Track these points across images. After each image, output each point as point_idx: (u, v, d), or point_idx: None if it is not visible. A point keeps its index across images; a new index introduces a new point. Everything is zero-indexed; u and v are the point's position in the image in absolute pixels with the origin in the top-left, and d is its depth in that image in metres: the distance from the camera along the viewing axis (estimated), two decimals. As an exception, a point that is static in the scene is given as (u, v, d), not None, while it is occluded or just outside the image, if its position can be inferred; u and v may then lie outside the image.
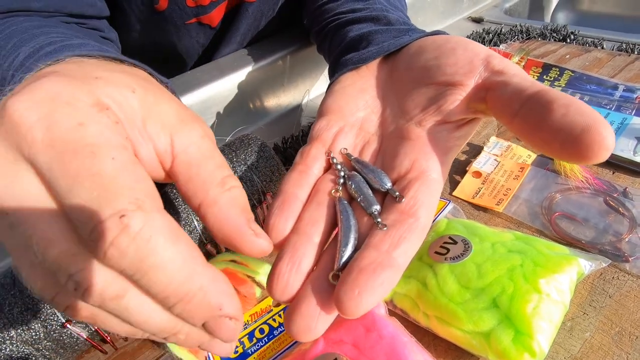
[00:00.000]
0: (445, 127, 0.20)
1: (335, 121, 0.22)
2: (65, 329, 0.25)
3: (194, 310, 0.13)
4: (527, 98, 0.16)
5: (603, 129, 0.14)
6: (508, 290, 0.24)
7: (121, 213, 0.12)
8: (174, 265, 0.12)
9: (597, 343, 0.24)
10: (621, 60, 0.52)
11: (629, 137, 0.38)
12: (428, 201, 0.18)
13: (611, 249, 0.29)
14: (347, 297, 0.14)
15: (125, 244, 0.12)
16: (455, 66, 0.19)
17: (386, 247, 0.16)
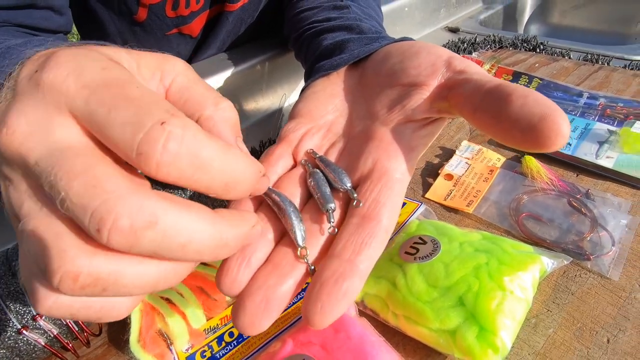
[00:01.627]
0: (409, 125, 0.20)
1: (304, 124, 0.22)
2: (21, 336, 0.24)
3: (248, 184, 0.14)
4: (486, 91, 0.17)
5: (559, 117, 0.14)
6: (474, 288, 0.24)
7: (161, 121, 0.12)
8: (223, 154, 0.13)
9: (559, 339, 0.25)
10: (586, 69, 0.54)
11: (592, 142, 0.39)
12: (390, 202, 0.18)
13: (574, 248, 0.30)
14: (311, 312, 0.15)
15: (177, 146, 0.12)
16: (419, 68, 0.20)
17: (348, 255, 0.16)
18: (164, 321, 0.27)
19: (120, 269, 0.13)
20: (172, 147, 0.12)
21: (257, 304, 0.15)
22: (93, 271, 0.12)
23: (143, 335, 0.26)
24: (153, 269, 0.13)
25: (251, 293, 0.16)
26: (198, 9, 0.47)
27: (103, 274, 0.12)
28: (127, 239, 0.12)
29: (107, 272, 0.12)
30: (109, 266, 0.12)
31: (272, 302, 0.15)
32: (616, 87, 0.49)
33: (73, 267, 0.12)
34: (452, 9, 0.85)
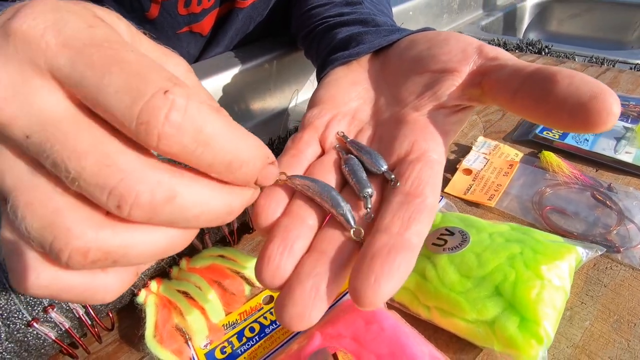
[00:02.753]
0: (441, 112, 0.19)
1: (328, 110, 0.22)
2: (31, 329, 0.22)
3: (252, 168, 0.13)
4: (527, 75, 0.16)
5: (610, 95, 0.14)
6: (510, 277, 0.23)
7: (164, 89, 0.11)
8: (229, 131, 0.12)
9: (597, 331, 0.24)
10: (594, 70, 0.55)
11: (609, 138, 0.39)
12: (432, 181, 0.17)
13: (602, 241, 0.29)
14: (364, 286, 0.13)
15: (180, 118, 0.11)
16: (449, 54, 0.20)
17: (397, 229, 0.15)
18: (181, 316, 0.26)
19: (129, 241, 0.12)
20: (176, 118, 0.11)
21: (308, 293, 0.14)
22: (102, 245, 0.12)
23: (159, 330, 0.25)
24: (162, 237, 0.13)
25: (300, 281, 0.14)
26: (210, 6, 0.46)
27: (113, 247, 0.12)
28: (148, 213, 0.12)
29: (116, 245, 0.12)
30: (118, 239, 0.12)
31: (323, 291, 0.14)
32: (626, 87, 0.50)
33: (82, 243, 0.11)
34: (454, 15, 0.86)
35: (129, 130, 0.11)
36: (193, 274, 0.28)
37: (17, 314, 0.22)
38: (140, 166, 0.11)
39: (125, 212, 0.11)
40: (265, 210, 0.16)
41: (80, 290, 0.13)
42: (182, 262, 0.28)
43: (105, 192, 0.11)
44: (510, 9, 0.96)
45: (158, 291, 0.27)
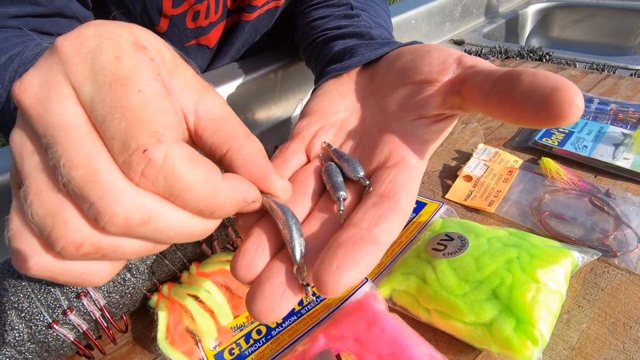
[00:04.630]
0: (422, 121, 0.20)
1: (316, 121, 0.23)
2: (51, 330, 0.23)
3: (226, 212, 0.15)
4: (497, 78, 0.17)
5: (570, 87, 0.14)
6: (507, 281, 0.24)
7: (143, 148, 0.13)
8: (201, 185, 0.13)
9: (593, 334, 0.25)
10: (594, 77, 0.55)
11: (608, 144, 0.40)
12: (408, 184, 0.18)
13: (599, 245, 0.30)
14: (325, 272, 0.14)
15: (154, 174, 0.13)
16: (431, 66, 0.20)
17: (366, 225, 0.15)
18: (191, 318, 0.27)
19: (119, 242, 0.14)
20: (150, 174, 0.13)
21: (277, 288, 0.14)
22: (95, 242, 0.13)
23: (171, 332, 0.26)
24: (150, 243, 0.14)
25: (270, 276, 0.15)
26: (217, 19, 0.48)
27: (104, 245, 0.13)
28: (122, 231, 0.13)
29: (108, 244, 0.13)
30: (110, 239, 0.13)
31: (291, 287, 0.15)
32: (625, 94, 0.50)
33: (76, 237, 0.13)
34: (457, 23, 0.87)
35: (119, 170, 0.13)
36: (202, 278, 0.29)
37: (38, 316, 0.23)
38: (122, 188, 0.13)
39: (101, 225, 0.13)
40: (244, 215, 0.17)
41: (78, 274, 0.14)
42: (192, 267, 0.30)
43: (86, 204, 0.12)
44: (512, 16, 0.97)
45: (169, 295, 0.28)
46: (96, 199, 0.12)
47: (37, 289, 0.23)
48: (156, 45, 0.15)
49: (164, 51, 0.16)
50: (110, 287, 0.26)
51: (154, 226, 0.13)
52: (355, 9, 0.40)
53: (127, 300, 0.27)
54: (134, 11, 0.43)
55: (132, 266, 0.27)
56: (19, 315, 0.23)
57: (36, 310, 0.23)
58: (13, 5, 0.32)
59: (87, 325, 0.25)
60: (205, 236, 0.15)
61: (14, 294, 0.23)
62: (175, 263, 0.29)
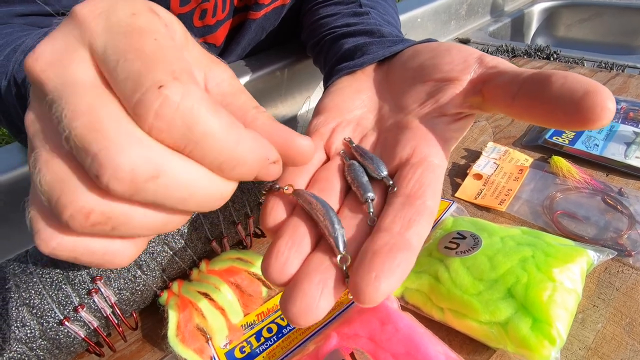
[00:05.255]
0: (443, 119, 0.20)
1: (333, 117, 0.22)
2: (62, 327, 0.23)
3: (248, 169, 0.13)
4: (524, 79, 0.17)
5: (603, 91, 0.14)
6: (522, 279, 0.24)
7: (159, 84, 0.11)
8: (223, 132, 0.12)
9: (609, 334, 0.24)
10: (603, 75, 0.55)
11: (619, 143, 0.39)
12: (433, 184, 0.17)
13: (613, 245, 0.29)
14: (364, 282, 0.13)
15: (170, 114, 0.11)
16: (451, 64, 0.20)
17: (398, 229, 0.15)
18: (201, 316, 0.27)
19: (131, 210, 0.12)
20: (166, 114, 0.11)
21: (315, 287, 0.14)
22: (105, 210, 0.12)
23: (181, 330, 0.26)
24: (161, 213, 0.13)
25: (308, 275, 0.14)
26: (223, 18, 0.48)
27: (115, 213, 0.12)
28: (128, 189, 0.11)
29: (118, 212, 0.12)
30: (121, 206, 0.12)
31: (330, 285, 0.14)
32: (635, 92, 0.50)
33: (86, 204, 0.12)
34: (462, 21, 0.87)
35: (130, 115, 0.12)
36: (212, 275, 0.29)
37: (50, 312, 0.23)
38: (129, 138, 0.11)
39: (103, 183, 0.11)
40: (273, 212, 0.17)
41: (100, 254, 0.13)
42: (202, 265, 0.29)
43: (88, 157, 0.11)
44: (518, 15, 0.97)
45: (179, 292, 0.28)
46: (98, 149, 0.11)
47: (48, 286, 0.23)
48: (168, 17, 0.15)
49: (175, 24, 0.16)
50: (121, 284, 0.25)
51: (164, 182, 0.12)
52: (364, 7, 0.40)
53: (137, 298, 0.27)
54: None
55: (142, 263, 0.26)
56: (31, 311, 0.22)
57: (47, 307, 0.23)
58: (20, 4, 0.32)
59: (98, 322, 0.24)
60: (221, 203, 0.13)
61: (26, 290, 0.23)
62: (185, 260, 0.29)
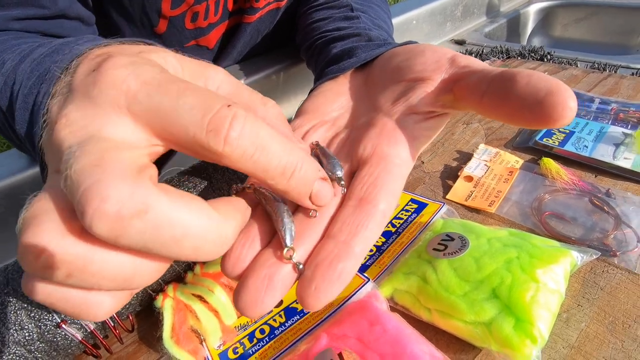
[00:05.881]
0: (412, 117, 0.20)
1: (310, 120, 0.23)
2: (59, 330, 0.24)
3: (305, 176, 0.15)
4: (492, 78, 0.17)
5: (564, 90, 0.15)
6: (506, 280, 0.24)
7: (228, 104, 0.13)
8: (282, 139, 0.14)
9: (592, 332, 0.25)
10: (595, 77, 0.56)
11: (608, 144, 0.40)
12: (388, 186, 0.18)
13: (599, 245, 0.30)
14: (305, 293, 0.15)
15: (241, 125, 0.13)
16: (424, 64, 0.21)
17: (344, 237, 0.16)
18: (196, 318, 0.27)
19: (88, 254, 0.12)
20: (238, 125, 0.13)
21: (260, 281, 0.15)
22: (58, 250, 0.11)
23: (176, 332, 0.26)
24: (128, 261, 0.12)
25: (254, 269, 0.15)
26: (216, 21, 0.48)
27: (68, 257, 0.11)
28: (113, 227, 0.11)
29: (73, 255, 0.11)
30: (77, 248, 0.11)
31: (276, 280, 0.15)
32: (626, 93, 0.50)
33: (38, 241, 0.11)
34: (458, 22, 0.87)
35: (200, 139, 0.13)
36: (207, 278, 0.29)
37: (47, 315, 0.23)
38: (121, 174, 0.11)
39: (87, 220, 0.11)
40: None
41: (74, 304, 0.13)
42: (197, 268, 0.30)
43: (79, 191, 0.11)
44: (514, 15, 0.97)
45: (174, 295, 0.28)
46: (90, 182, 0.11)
47: (45, 290, 0.24)
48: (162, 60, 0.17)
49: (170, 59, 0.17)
50: (116, 287, 0.26)
51: (151, 219, 0.11)
52: (356, 11, 0.40)
53: (133, 300, 0.27)
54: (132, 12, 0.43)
55: (137, 267, 0.27)
56: (29, 315, 0.23)
57: (45, 310, 0.23)
58: (16, 8, 0.33)
59: (95, 324, 0.25)
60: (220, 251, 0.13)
61: (23, 295, 0.23)
62: (180, 263, 0.29)
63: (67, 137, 0.13)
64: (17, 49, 0.26)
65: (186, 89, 0.14)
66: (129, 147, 0.13)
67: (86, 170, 0.11)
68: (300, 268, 0.16)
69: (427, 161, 0.43)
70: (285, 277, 0.15)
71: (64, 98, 0.15)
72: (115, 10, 0.43)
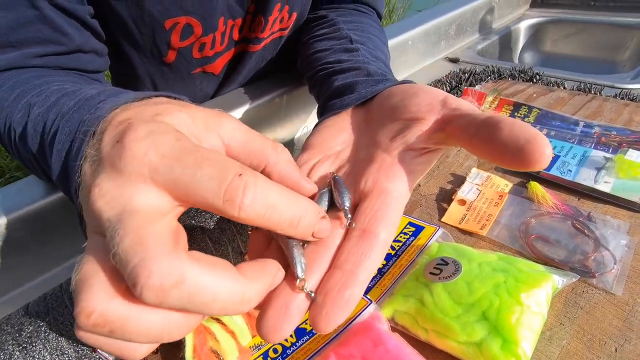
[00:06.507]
0: (409, 153, 0.23)
1: (316, 154, 0.26)
2: (95, 353, 0.26)
3: (309, 221, 0.17)
4: (480, 122, 0.20)
5: (542, 140, 0.17)
6: (495, 304, 0.27)
7: (239, 173, 0.16)
8: (287, 195, 0.17)
9: (572, 349, 0.28)
10: (580, 99, 0.59)
11: (590, 168, 0.43)
12: (388, 218, 0.20)
13: (580, 267, 0.33)
14: (317, 319, 0.17)
15: (252, 191, 0.16)
16: (419, 105, 0.23)
17: (350, 266, 0.19)
18: (215, 339, 0.30)
19: (127, 316, 0.14)
20: (249, 192, 0.15)
21: (278, 310, 0.17)
22: (104, 312, 0.14)
23: (197, 353, 0.29)
24: (159, 322, 0.15)
25: (272, 300, 0.18)
26: (222, 50, 0.51)
27: (112, 317, 0.14)
28: (157, 295, 0.14)
29: (116, 315, 0.14)
30: (119, 310, 0.14)
31: (292, 308, 0.17)
32: (609, 116, 0.54)
33: (89, 304, 0.14)
34: (452, 41, 0.91)
35: (218, 207, 0.15)
36: (223, 302, 0.32)
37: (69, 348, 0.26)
38: (160, 251, 0.14)
39: (138, 291, 0.13)
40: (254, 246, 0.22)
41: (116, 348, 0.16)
42: (213, 292, 0.33)
43: (128, 268, 0.14)
44: (506, 32, 1.01)
45: (194, 318, 0.31)
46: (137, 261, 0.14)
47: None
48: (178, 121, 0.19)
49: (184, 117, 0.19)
50: (143, 313, 0.29)
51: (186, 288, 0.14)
52: (355, 43, 0.43)
53: (158, 324, 0.30)
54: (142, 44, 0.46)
55: (162, 293, 0.30)
56: (68, 341, 0.26)
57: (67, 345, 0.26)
58: (37, 46, 0.35)
59: (125, 347, 0.28)
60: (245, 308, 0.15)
61: (63, 323, 0.26)
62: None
63: (104, 209, 0.16)
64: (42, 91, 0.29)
65: (202, 160, 0.16)
66: (158, 216, 0.16)
67: (131, 249, 0.14)
68: (312, 296, 0.18)
69: (424, 184, 0.46)
70: (299, 305, 0.18)
71: (95, 166, 0.17)
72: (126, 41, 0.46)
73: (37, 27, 0.34)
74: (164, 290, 0.14)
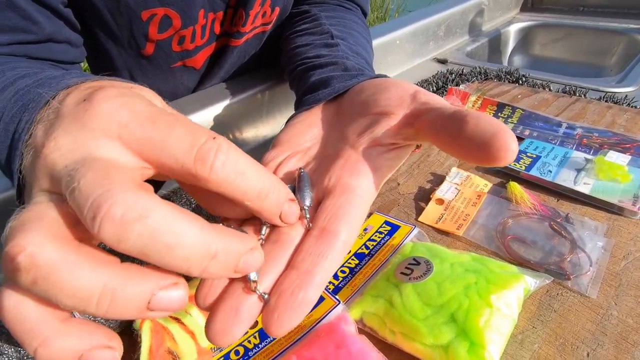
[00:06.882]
0: (376, 149, 0.22)
1: (283, 151, 0.25)
2: (39, 354, 0.25)
3: (277, 197, 0.17)
4: (447, 116, 0.19)
5: (508, 135, 0.16)
6: (464, 305, 0.26)
7: (213, 136, 0.16)
8: (257, 167, 0.16)
9: (544, 354, 0.27)
10: (564, 101, 0.59)
11: (571, 169, 0.42)
12: (349, 217, 0.19)
13: (556, 268, 0.32)
14: (269, 322, 0.16)
15: (224, 155, 0.15)
16: (388, 100, 0.22)
17: (306, 267, 0.17)
18: (173, 340, 0.28)
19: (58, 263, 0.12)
20: (221, 155, 0.15)
21: (227, 312, 0.16)
22: (34, 253, 0.12)
23: (153, 354, 0.27)
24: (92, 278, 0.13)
25: (222, 301, 0.17)
26: (203, 44, 0.50)
27: (40, 261, 0.12)
28: (117, 229, 0.12)
29: (45, 261, 0.12)
30: (51, 255, 0.12)
31: (242, 311, 0.16)
32: (592, 118, 0.53)
33: (20, 242, 0.12)
34: (440, 42, 0.90)
35: (189, 167, 0.15)
36: (185, 300, 0.31)
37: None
38: (128, 186, 0.13)
39: (97, 224, 0.12)
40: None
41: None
42: (175, 290, 0.31)
43: (89, 201, 0.13)
44: (495, 35, 1.01)
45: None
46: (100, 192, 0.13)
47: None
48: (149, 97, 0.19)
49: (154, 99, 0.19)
50: (96, 311, 0.27)
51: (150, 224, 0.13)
52: (335, 38, 0.42)
53: (112, 324, 0.28)
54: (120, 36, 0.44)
55: (117, 291, 0.28)
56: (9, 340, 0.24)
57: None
58: (5, 34, 0.34)
59: (74, 348, 0.26)
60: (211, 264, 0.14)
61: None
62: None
63: (59, 159, 0.15)
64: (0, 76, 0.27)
65: (175, 122, 0.16)
66: (124, 167, 0.15)
67: (96, 182, 0.13)
68: (265, 298, 0.17)
69: (403, 183, 0.45)
70: (251, 308, 0.17)
71: (51, 123, 0.16)
72: (103, 33, 0.44)
73: (5, 14, 0.33)
74: (126, 222, 0.12)
